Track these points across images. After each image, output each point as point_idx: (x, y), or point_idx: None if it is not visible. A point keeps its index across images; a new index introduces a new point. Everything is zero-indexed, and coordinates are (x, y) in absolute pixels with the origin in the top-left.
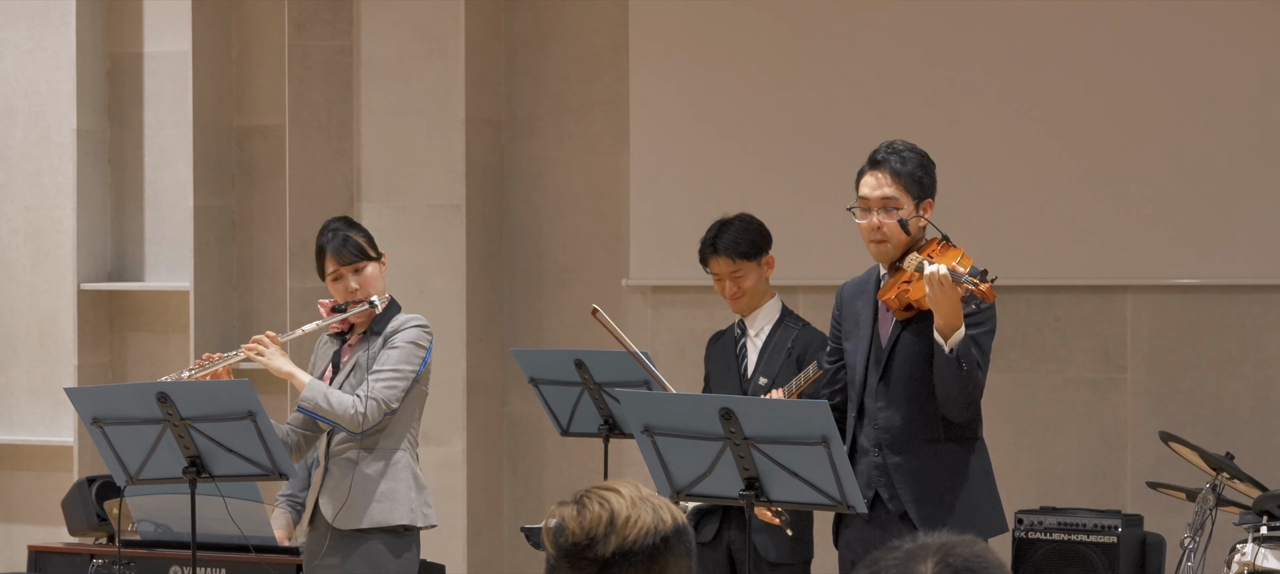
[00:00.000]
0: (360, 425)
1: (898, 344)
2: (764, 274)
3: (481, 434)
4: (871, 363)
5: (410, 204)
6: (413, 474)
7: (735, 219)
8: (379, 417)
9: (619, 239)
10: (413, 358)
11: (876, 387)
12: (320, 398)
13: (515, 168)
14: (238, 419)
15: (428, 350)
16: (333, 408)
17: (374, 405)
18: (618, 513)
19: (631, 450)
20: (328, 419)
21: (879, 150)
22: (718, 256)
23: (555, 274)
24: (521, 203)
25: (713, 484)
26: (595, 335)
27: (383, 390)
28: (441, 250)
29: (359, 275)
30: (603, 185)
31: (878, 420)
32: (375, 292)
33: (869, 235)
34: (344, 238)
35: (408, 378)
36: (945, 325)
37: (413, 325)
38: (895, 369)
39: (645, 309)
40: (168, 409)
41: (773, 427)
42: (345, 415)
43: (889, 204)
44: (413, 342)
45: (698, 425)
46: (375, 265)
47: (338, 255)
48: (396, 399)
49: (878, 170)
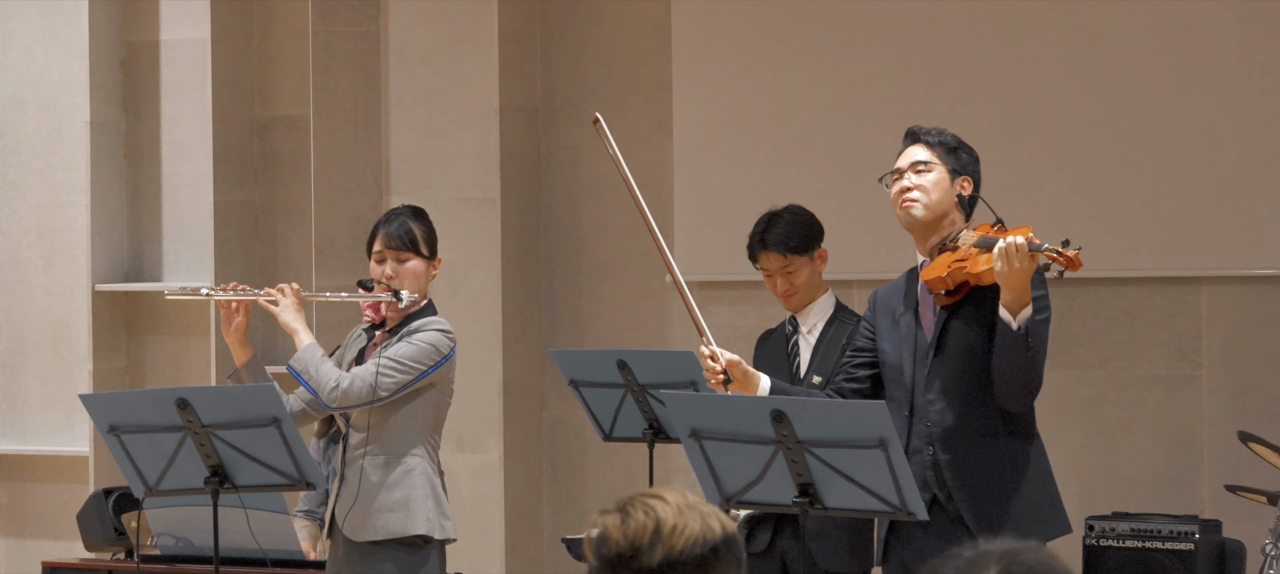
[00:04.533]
0: (335, 401)
1: (946, 333)
2: (817, 269)
3: (519, 440)
4: (917, 357)
5: (442, 197)
6: (430, 483)
7: (785, 211)
8: (358, 398)
9: (663, 233)
10: (422, 357)
11: (925, 380)
12: (311, 363)
13: (552, 158)
14: (262, 426)
15: (445, 357)
16: (317, 375)
17: (356, 385)
18: (664, 521)
19: (678, 456)
20: (310, 386)
21: (913, 128)
22: (767, 251)
23: (595, 270)
24: (559, 195)
25: (764, 490)
26: (639, 334)
27: (373, 373)
28: (475, 246)
29: (400, 265)
30: (645, 176)
31: (929, 416)
32: (410, 287)
33: (897, 200)
34: (402, 223)
35: (409, 372)
36: (1014, 301)
37: (434, 327)
38: (945, 360)
39: None
40: (188, 416)
41: (827, 429)
42: (324, 384)
43: (920, 168)
44: (429, 342)
45: (748, 428)
46: (422, 263)
47: (388, 237)
48: (386, 388)
49: (911, 143)
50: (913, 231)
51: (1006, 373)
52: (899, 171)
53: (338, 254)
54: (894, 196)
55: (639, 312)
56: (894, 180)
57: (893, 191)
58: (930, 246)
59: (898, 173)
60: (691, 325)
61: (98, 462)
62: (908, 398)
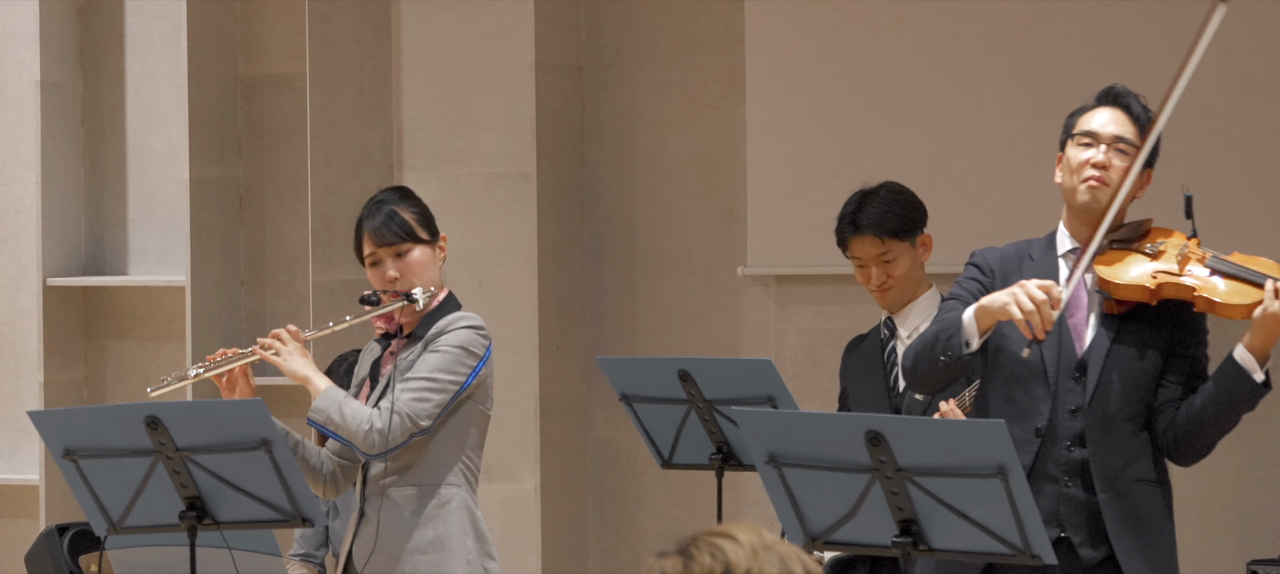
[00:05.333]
0: (376, 446)
1: (1110, 353)
2: (919, 258)
3: (559, 467)
4: (1063, 365)
5: (465, 174)
6: (471, 517)
7: (881, 189)
8: (402, 436)
9: (733, 215)
10: (457, 366)
11: (1074, 397)
12: (333, 409)
13: (600, 125)
14: (248, 450)
15: (482, 359)
16: (346, 421)
17: (396, 421)
18: (734, 566)
19: (752, 486)
20: (339, 435)
21: (1117, 87)
22: (860, 236)
23: (652, 261)
24: (608, 170)
25: (857, 528)
26: (705, 339)
27: (409, 401)
28: (506, 232)
29: (401, 261)
30: (712, 147)
31: (1073, 441)
32: (422, 282)
33: (1084, 172)
34: (388, 214)
35: (446, 389)
36: (1262, 348)
37: (462, 326)
38: (1110, 381)
39: (767, 304)
40: (160, 437)
41: (934, 454)
42: (357, 431)
43: (1122, 147)
44: (460, 345)
45: (837, 453)
46: (425, 250)
47: (376, 234)
48: (428, 414)
49: (1116, 107)
50: (1080, 213)
51: (1212, 423)
52: (1094, 138)
53: (338, 241)
54: (1076, 165)
55: (705, 311)
56: (1082, 143)
57: (1075, 158)
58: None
59: (1091, 139)
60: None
61: (50, 492)
62: (1045, 412)
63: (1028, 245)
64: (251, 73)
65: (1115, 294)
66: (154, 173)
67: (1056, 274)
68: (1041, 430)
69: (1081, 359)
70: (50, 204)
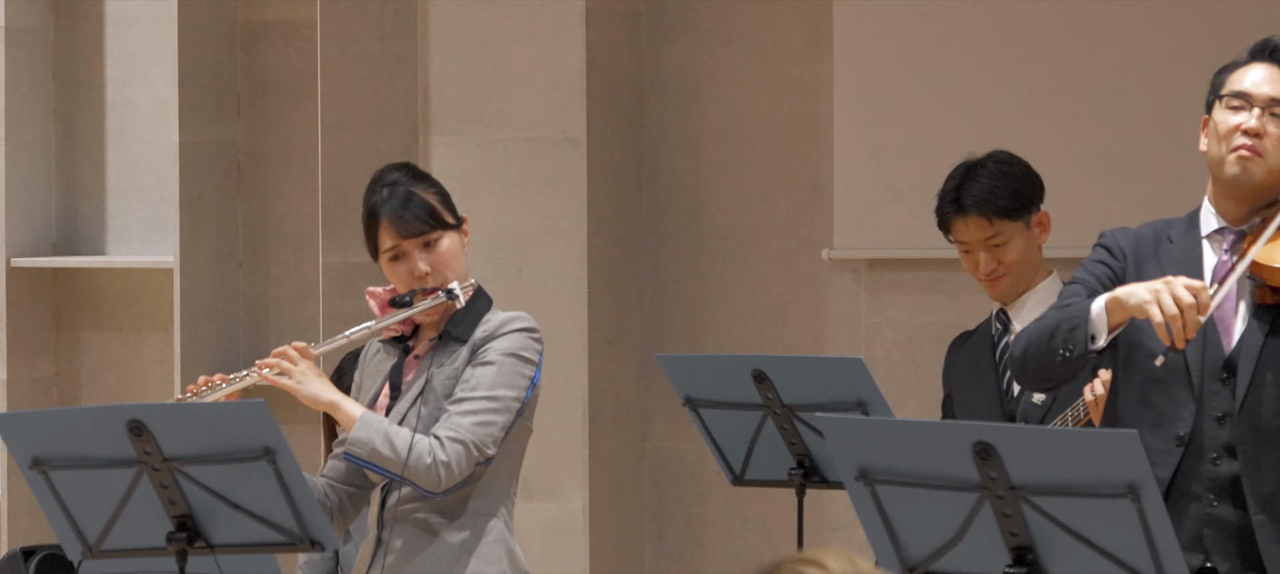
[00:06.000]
0: (441, 482)
1: (1265, 350)
2: (1034, 240)
3: (612, 484)
4: (1207, 367)
5: (502, 138)
6: (508, 552)
7: (989, 160)
8: (469, 467)
9: (817, 189)
10: (516, 378)
11: (1218, 403)
12: (380, 440)
13: (662, 82)
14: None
15: (537, 367)
16: (399, 455)
17: (460, 452)
18: None
19: (839, 506)
20: (390, 472)
21: (1275, 38)
22: (965, 216)
23: (721, 242)
24: (671, 135)
25: (963, 556)
26: (784, 333)
27: (474, 428)
28: (551, 207)
29: (431, 252)
30: (793, 108)
31: (1222, 456)
32: (454, 274)
33: (1234, 140)
34: (405, 196)
35: (509, 408)
36: None
37: (514, 328)
38: (1259, 385)
39: (856, 292)
40: (145, 445)
41: (1054, 469)
42: (418, 466)
43: (1278, 109)
44: (515, 353)
45: (940, 468)
46: (454, 237)
47: (399, 223)
48: (494, 441)
49: (1273, 63)
50: (1228, 188)
51: None
52: (1246, 100)
53: (353, 218)
54: (1225, 131)
55: (784, 301)
56: (1231, 106)
57: (1224, 123)
58: (1247, 212)
59: (1242, 101)
60: (854, 324)
61: (13, 508)
62: (1188, 418)
63: (1166, 225)
64: (252, 18)
65: (1271, 281)
66: (137, 135)
67: (1199, 259)
68: (1183, 439)
69: (1229, 358)
70: (15, 171)
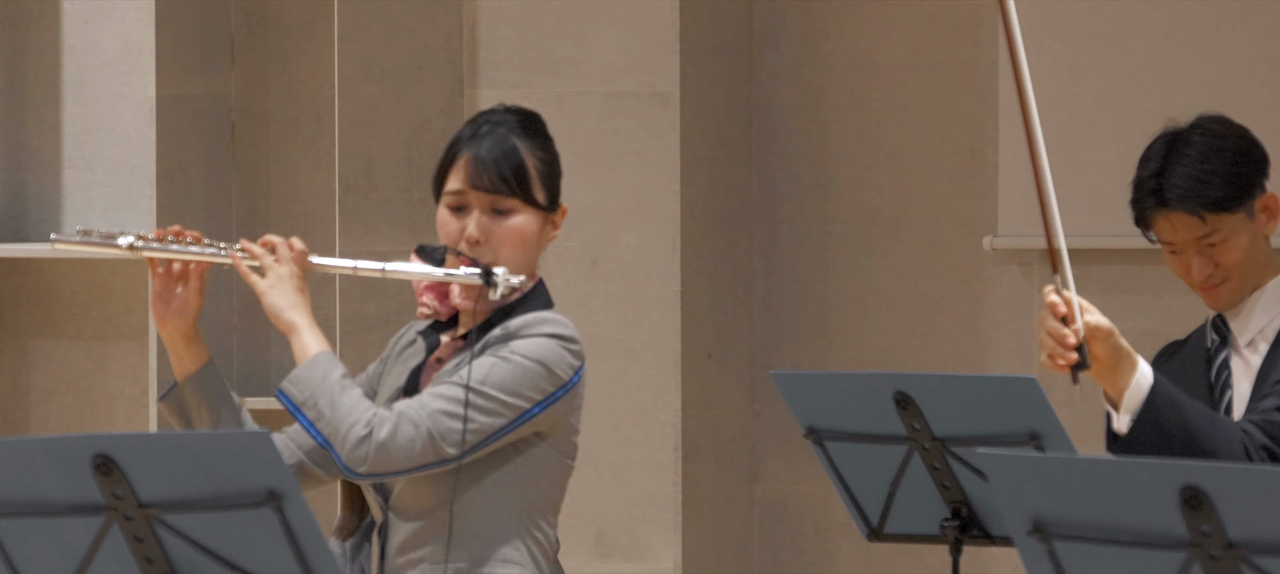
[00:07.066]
0: (361, 462)
1: None
2: (1260, 231)
3: (712, 537)
4: None
5: (572, 93)
6: None
7: (1194, 134)
8: (408, 459)
9: (978, 159)
10: (526, 386)
11: None
12: (319, 388)
13: (775, 25)
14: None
15: (565, 386)
16: (334, 409)
17: (406, 434)
18: None
19: (1006, 565)
20: (315, 429)
21: None
22: (1169, 211)
23: (854, 226)
24: (788, 90)
25: None
26: (935, 344)
27: (436, 413)
28: (634, 182)
29: (496, 221)
30: (947, 60)
31: None
32: (511, 261)
33: None
34: (503, 144)
35: (499, 413)
36: None
37: (545, 331)
38: None
39: (1027, 291)
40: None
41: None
42: (342, 427)
43: None
44: (537, 358)
45: (1138, 520)
46: (533, 219)
47: (477, 167)
48: (457, 440)
49: None
50: None
51: None
52: None
53: (379, 194)
54: None
55: (935, 302)
56: None
57: None
58: None
59: None
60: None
61: None
62: None
63: None
64: None
65: None
66: (103, 88)
67: None
68: None
69: None
70: None
